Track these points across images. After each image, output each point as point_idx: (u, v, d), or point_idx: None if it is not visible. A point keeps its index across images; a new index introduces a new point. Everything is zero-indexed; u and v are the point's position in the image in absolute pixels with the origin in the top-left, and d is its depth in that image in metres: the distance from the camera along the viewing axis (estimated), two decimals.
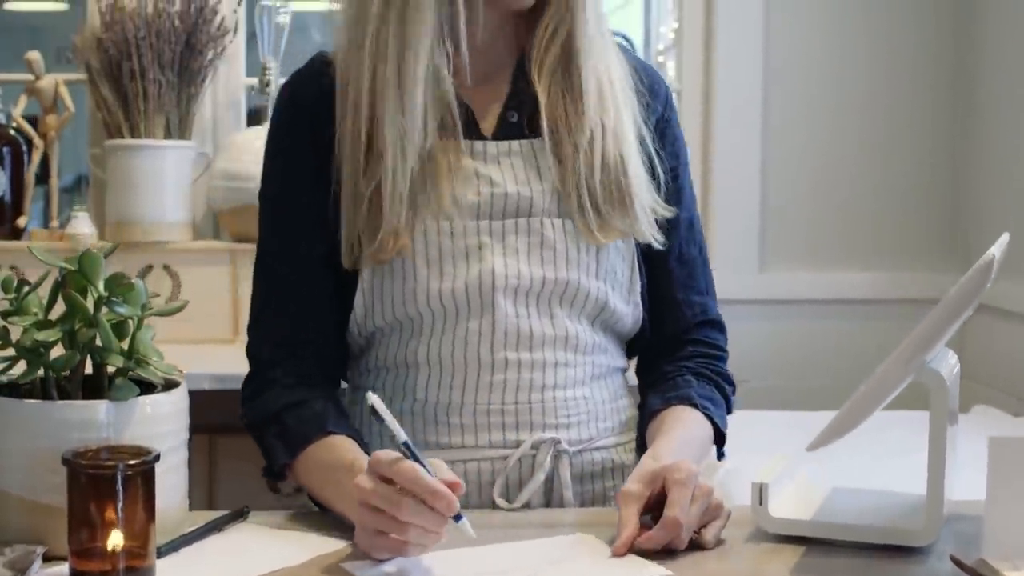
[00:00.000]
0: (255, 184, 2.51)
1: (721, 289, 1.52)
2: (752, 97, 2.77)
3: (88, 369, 1.22)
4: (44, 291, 1.24)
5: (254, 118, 2.75)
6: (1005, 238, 1.31)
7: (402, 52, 1.30)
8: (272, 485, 1.43)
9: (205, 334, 2.58)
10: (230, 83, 2.72)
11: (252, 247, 2.53)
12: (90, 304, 1.20)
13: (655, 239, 1.37)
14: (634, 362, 1.47)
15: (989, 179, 2.74)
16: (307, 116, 1.37)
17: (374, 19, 1.31)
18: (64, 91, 2.62)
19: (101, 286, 1.21)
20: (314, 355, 1.37)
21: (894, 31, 2.81)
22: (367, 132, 1.31)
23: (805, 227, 2.81)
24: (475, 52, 1.34)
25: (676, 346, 1.43)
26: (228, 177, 2.57)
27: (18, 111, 2.61)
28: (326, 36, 8.47)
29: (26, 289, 1.23)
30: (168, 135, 2.56)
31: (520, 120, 1.37)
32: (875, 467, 1.97)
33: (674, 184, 1.42)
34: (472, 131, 1.36)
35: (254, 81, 2.70)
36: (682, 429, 1.33)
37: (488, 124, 1.37)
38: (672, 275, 1.42)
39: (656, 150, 1.39)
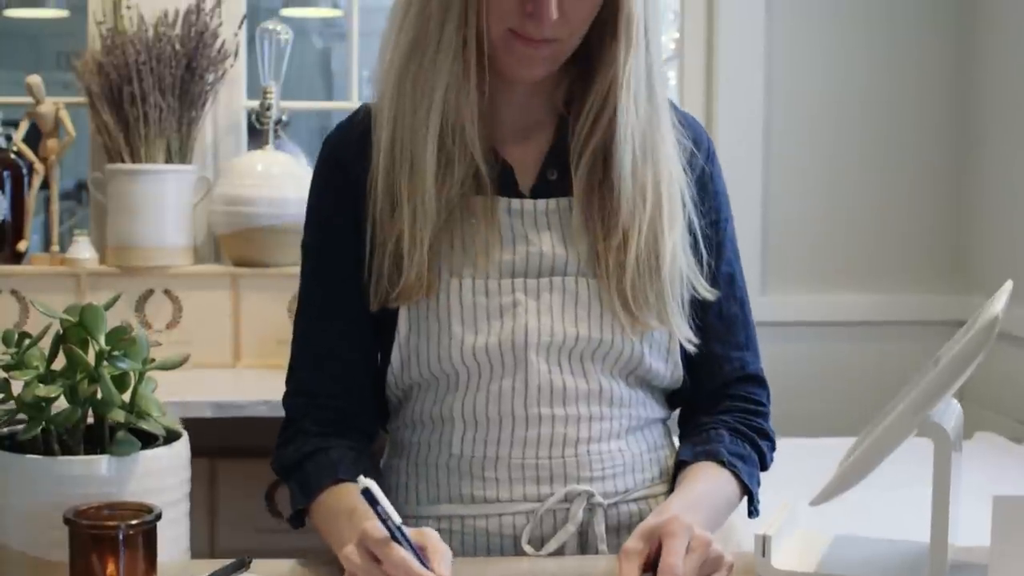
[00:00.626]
0: (255, 209, 2.55)
1: None
2: (753, 119, 2.76)
3: (89, 417, 1.22)
4: (45, 339, 1.25)
5: (255, 142, 2.75)
6: (1008, 286, 1.30)
7: (418, 104, 1.30)
8: (273, 508, 1.44)
9: (206, 358, 2.58)
10: (231, 106, 2.71)
11: (253, 271, 2.58)
12: (91, 357, 1.20)
13: (690, 342, 1.37)
14: (676, 412, 1.47)
15: (992, 202, 2.74)
16: (344, 171, 1.38)
17: (395, 73, 1.32)
18: (65, 115, 2.62)
19: (103, 340, 1.20)
20: (344, 407, 1.39)
21: (897, 53, 2.81)
22: (392, 180, 1.32)
23: (807, 249, 2.81)
24: (511, 108, 1.36)
25: (715, 400, 1.43)
26: (229, 202, 2.57)
27: (19, 135, 2.61)
28: (326, 42, 8.42)
29: (27, 342, 1.22)
30: (169, 159, 2.56)
31: (560, 178, 1.37)
32: (878, 500, 1.97)
33: (715, 238, 1.41)
34: (510, 188, 1.36)
35: (255, 104, 2.70)
36: (701, 485, 1.33)
37: (526, 181, 1.37)
38: (712, 330, 1.41)
39: (701, 222, 1.38)
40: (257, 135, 2.71)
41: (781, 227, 2.79)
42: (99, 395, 1.20)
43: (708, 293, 1.38)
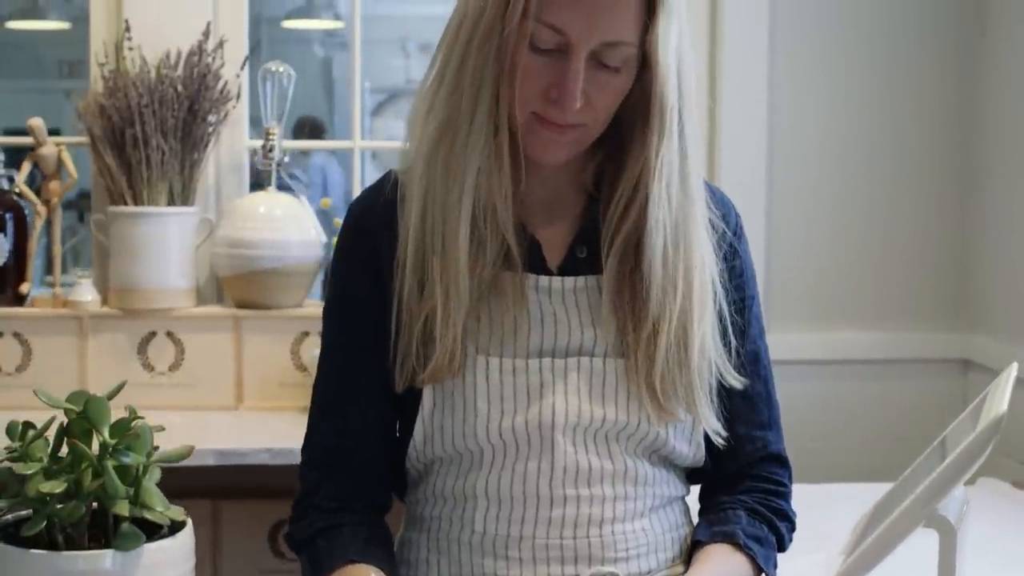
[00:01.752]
0: (258, 252, 2.55)
1: None
2: (757, 157, 2.76)
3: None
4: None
5: (257, 183, 2.75)
6: (1013, 371, 1.30)
7: (450, 187, 1.29)
8: (276, 549, 1.44)
9: (208, 401, 2.58)
10: (233, 146, 2.71)
11: (255, 313, 2.58)
12: (95, 447, 1.20)
13: (719, 434, 1.37)
14: (696, 488, 1.47)
15: (995, 240, 2.74)
16: (370, 240, 1.38)
17: (427, 148, 1.31)
18: (67, 157, 2.62)
19: (107, 432, 1.20)
20: (358, 480, 1.39)
21: (900, 90, 2.80)
22: (421, 260, 1.32)
23: (808, 289, 2.81)
24: (540, 185, 1.35)
25: (736, 480, 1.43)
26: (231, 244, 2.57)
27: (21, 178, 2.61)
28: (328, 51, 8.44)
29: (31, 434, 1.22)
30: (171, 201, 2.56)
31: (588, 256, 1.36)
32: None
33: (740, 318, 1.40)
34: (539, 265, 1.35)
35: (257, 144, 2.69)
36: (715, 567, 1.33)
37: (555, 258, 1.37)
38: (736, 410, 1.41)
39: (730, 308, 1.37)
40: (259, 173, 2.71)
41: (783, 265, 2.79)
42: (104, 487, 1.19)
43: (736, 381, 1.38)
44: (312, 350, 2.57)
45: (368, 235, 1.38)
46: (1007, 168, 2.69)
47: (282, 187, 2.67)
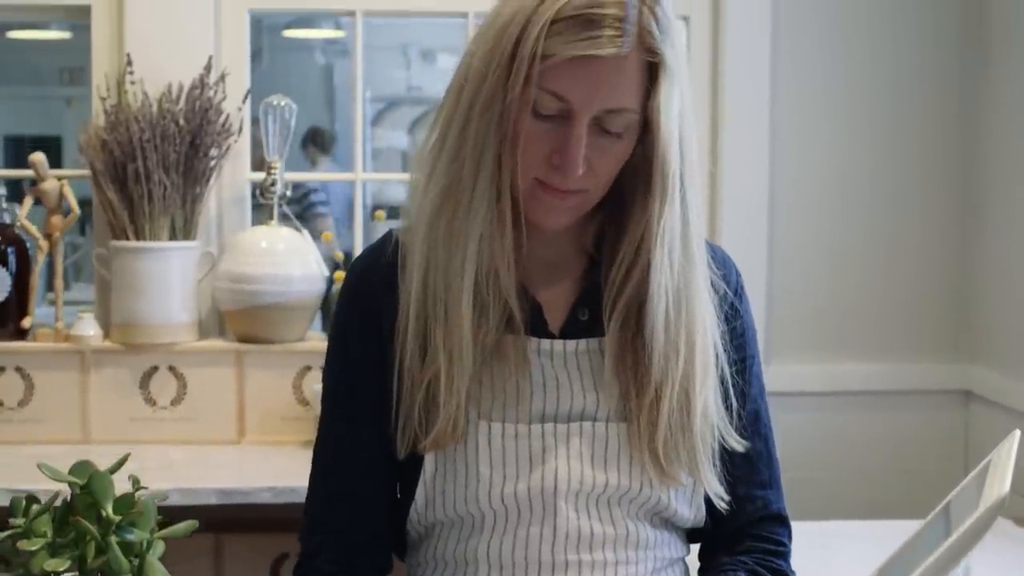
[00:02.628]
0: (260, 286, 2.55)
1: None
2: (758, 190, 2.76)
3: None
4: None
5: (259, 216, 2.75)
6: (1015, 439, 1.30)
7: (453, 254, 1.29)
8: None
9: (210, 435, 2.59)
10: (235, 178, 2.71)
11: (257, 348, 2.58)
12: (100, 515, 1.20)
13: (721, 498, 1.37)
14: (695, 546, 1.47)
15: (995, 271, 2.74)
16: (370, 303, 1.38)
17: (429, 214, 1.30)
18: (69, 192, 2.62)
19: (111, 508, 1.20)
20: (358, 544, 1.38)
21: (901, 125, 2.80)
22: (423, 326, 1.32)
23: (810, 321, 2.81)
24: (541, 247, 1.35)
25: (736, 540, 1.42)
26: (233, 279, 2.57)
27: (23, 212, 2.61)
28: (328, 59, 8.42)
29: (35, 509, 1.23)
30: (173, 236, 2.56)
31: (590, 318, 1.36)
32: None
33: (741, 379, 1.40)
34: (540, 328, 1.35)
35: (259, 176, 2.69)
36: None
37: (556, 320, 1.36)
38: (736, 470, 1.40)
39: (731, 370, 1.37)
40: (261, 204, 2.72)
41: (784, 297, 2.79)
42: (108, 563, 1.20)
43: (738, 444, 1.38)
44: (313, 384, 2.58)
45: (369, 298, 1.38)
46: (1008, 200, 2.69)
47: (289, 217, 2.67)
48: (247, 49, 2.73)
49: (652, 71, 1.27)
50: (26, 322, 2.60)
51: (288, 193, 2.68)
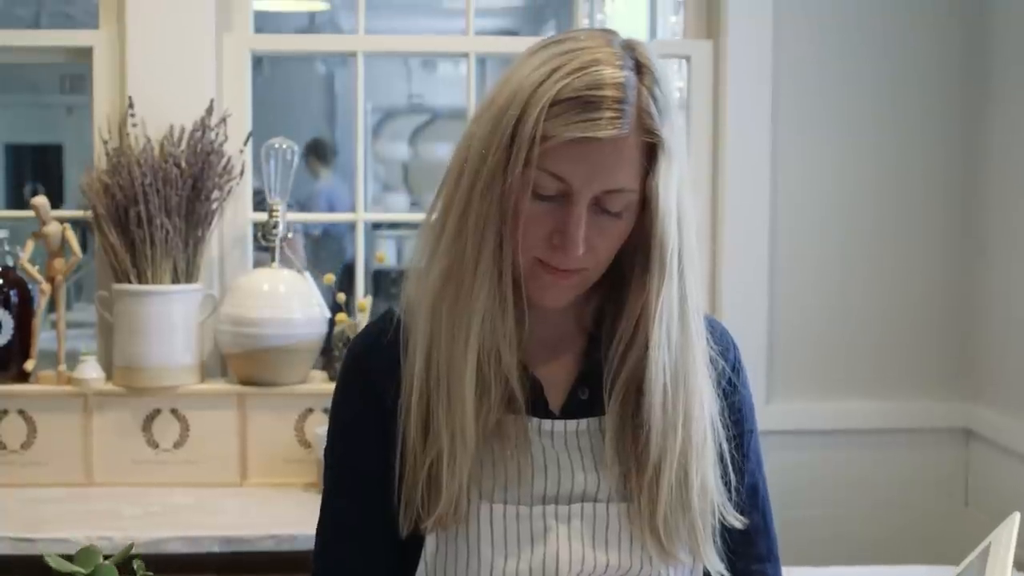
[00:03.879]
0: (262, 330, 2.55)
1: None
2: (759, 231, 2.76)
3: None
4: None
5: (261, 257, 2.75)
6: (1015, 523, 1.30)
7: (455, 335, 1.29)
8: None
9: (213, 478, 2.59)
10: (236, 219, 2.71)
11: (260, 390, 2.58)
12: None
13: (721, 574, 1.36)
14: None
15: (996, 310, 2.74)
16: (371, 381, 1.37)
17: (431, 294, 1.31)
18: (71, 236, 2.62)
19: None
20: None
21: (903, 164, 2.80)
22: (426, 407, 1.32)
23: (811, 359, 2.81)
24: (540, 324, 1.34)
25: None
26: (235, 322, 2.57)
27: (25, 256, 2.61)
28: (330, 67, 8.42)
29: None
30: (175, 279, 2.56)
31: (590, 397, 1.36)
32: None
33: (738, 454, 1.40)
34: (541, 407, 1.35)
35: (262, 217, 2.70)
36: None
37: (557, 399, 1.36)
38: (734, 544, 1.40)
39: (729, 446, 1.37)
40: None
41: (785, 335, 2.80)
42: None
43: (737, 521, 1.37)
44: (316, 427, 2.58)
45: (371, 379, 1.38)
46: (1009, 239, 2.69)
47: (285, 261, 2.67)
48: (248, 90, 2.73)
49: (650, 151, 1.27)
50: (29, 365, 2.60)
51: (289, 235, 2.68)
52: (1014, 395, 2.66)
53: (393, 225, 8.31)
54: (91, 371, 2.58)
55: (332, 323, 2.65)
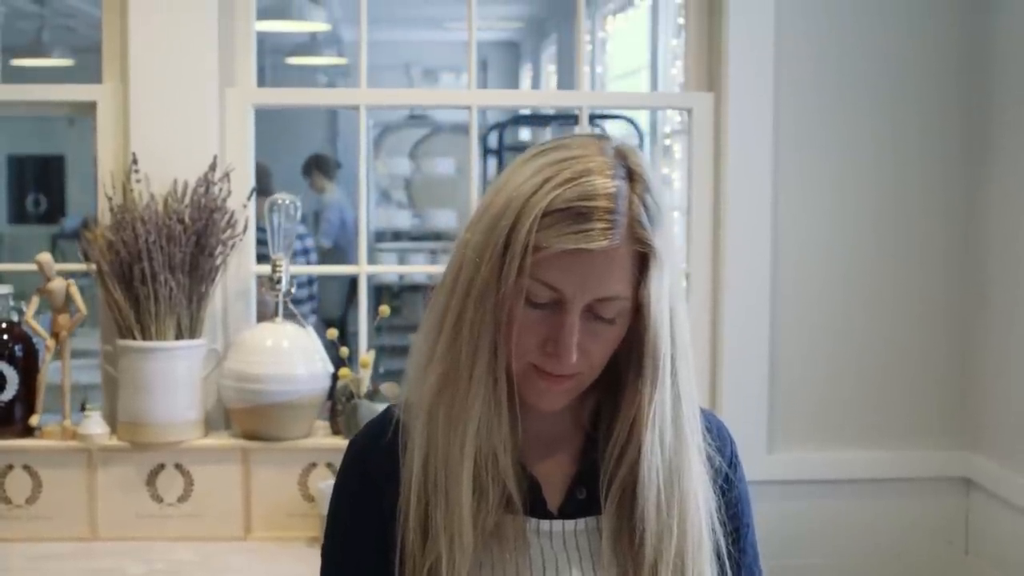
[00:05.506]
0: (265, 386, 2.57)
1: None
2: (761, 283, 2.77)
3: None
4: None
5: (263, 312, 2.76)
6: None
7: (452, 440, 1.31)
8: None
9: (217, 531, 2.61)
10: (240, 272, 2.72)
11: (263, 445, 2.59)
12: None
13: None
14: None
15: (996, 359, 2.75)
16: (370, 483, 1.39)
17: (428, 400, 1.32)
18: (75, 292, 2.63)
19: None
20: None
21: (903, 218, 2.81)
22: (424, 510, 1.33)
23: (812, 410, 2.82)
24: (537, 423, 1.36)
25: None
26: (238, 378, 2.59)
27: (30, 312, 2.62)
28: (331, 78, 8.43)
29: None
30: (179, 335, 2.58)
31: (588, 496, 1.38)
32: None
33: (735, 549, 1.42)
34: (539, 506, 1.37)
35: (265, 269, 2.71)
36: None
37: (555, 498, 1.38)
38: None
39: (726, 541, 1.38)
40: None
41: (786, 385, 2.81)
42: None
43: None
44: (319, 482, 2.60)
45: (370, 479, 1.39)
46: (1009, 290, 2.70)
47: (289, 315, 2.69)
48: (251, 144, 2.73)
49: (642, 259, 1.29)
50: (34, 420, 2.62)
51: (293, 291, 2.69)
52: (1012, 447, 2.67)
53: (396, 236, 8.34)
54: (96, 426, 2.59)
55: (335, 377, 2.66)
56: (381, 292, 7.52)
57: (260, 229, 2.76)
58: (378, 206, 8.11)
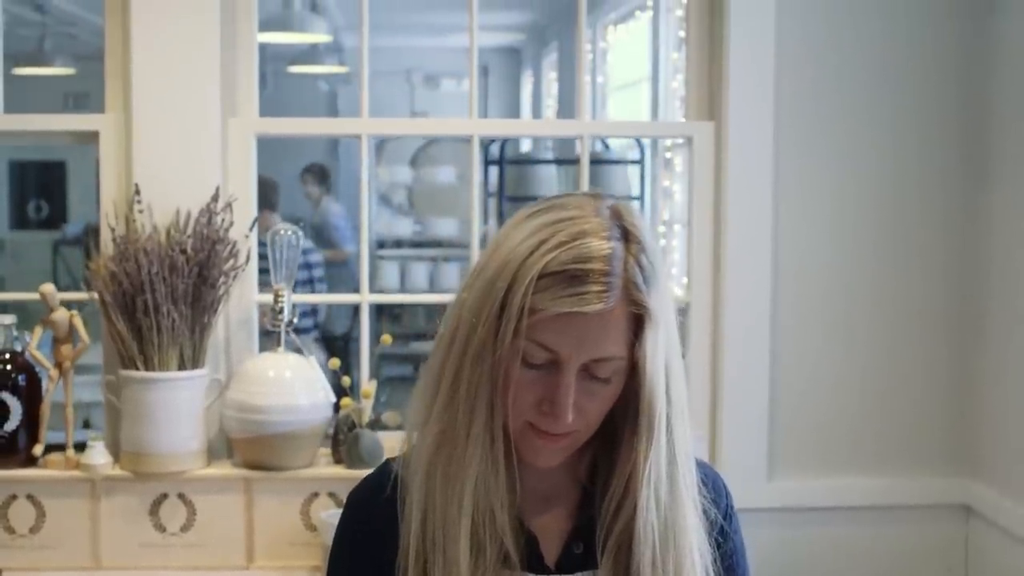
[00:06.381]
0: (268, 416, 2.58)
1: None
2: (761, 310, 2.78)
3: None
4: None
5: (266, 340, 2.77)
6: None
7: (449, 499, 1.32)
8: None
9: (219, 561, 2.62)
10: (242, 301, 2.73)
11: (266, 474, 2.60)
12: None
13: None
14: None
15: (995, 388, 2.76)
16: (369, 539, 1.40)
17: (426, 457, 1.34)
18: (78, 322, 2.64)
19: None
20: None
21: (902, 245, 2.82)
22: (422, 568, 1.34)
23: (812, 438, 2.83)
24: (535, 477, 1.37)
25: None
26: (241, 408, 2.60)
27: (33, 343, 2.63)
28: (332, 84, 8.43)
29: None
30: (182, 365, 2.59)
31: (585, 551, 1.39)
32: None
33: None
34: (536, 561, 1.38)
35: (268, 298, 2.72)
36: None
37: (552, 553, 1.39)
38: None
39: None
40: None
41: (785, 413, 2.81)
42: None
43: None
44: (321, 511, 2.61)
45: (369, 534, 1.41)
46: (1008, 317, 2.71)
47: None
48: (254, 174, 2.74)
49: (637, 319, 1.30)
50: (37, 449, 2.63)
51: (295, 321, 2.70)
52: (1010, 475, 2.68)
53: (397, 243, 8.34)
54: (99, 456, 2.60)
55: (337, 407, 2.67)
56: (381, 306, 7.52)
57: (263, 244, 2.77)
58: (379, 216, 8.10)
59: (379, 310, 7.21)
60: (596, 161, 5.07)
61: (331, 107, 9.51)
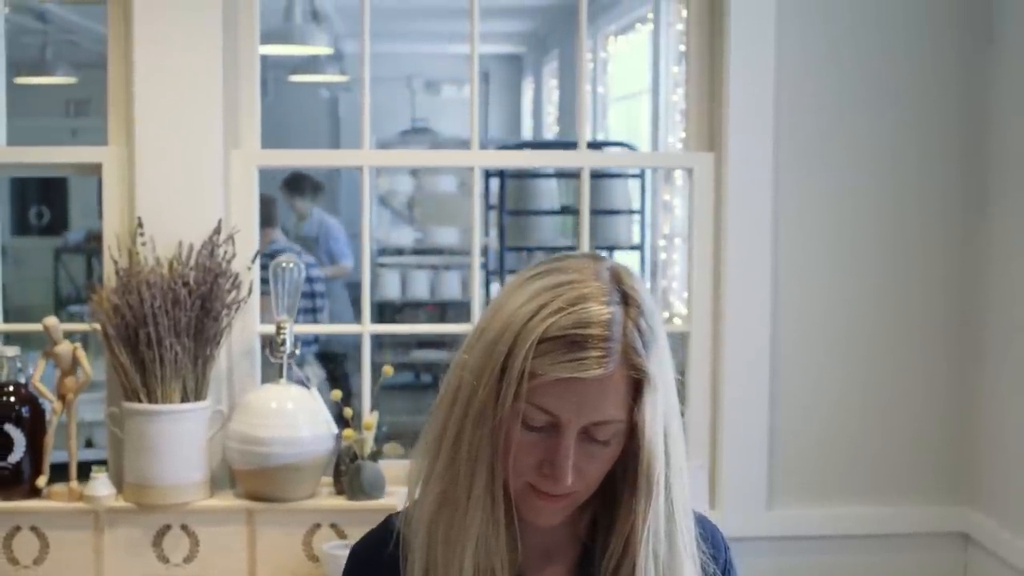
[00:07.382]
0: (270, 448, 2.60)
1: (730, 527, 1.60)
2: (761, 340, 2.79)
3: None
4: None
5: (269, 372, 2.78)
6: None
7: (451, 559, 1.33)
8: None
9: None
10: (244, 332, 2.74)
11: (268, 506, 2.62)
12: None
13: None
14: None
15: (994, 416, 2.77)
16: None
17: (427, 517, 1.35)
18: (81, 356, 2.66)
19: None
20: None
21: (901, 274, 2.83)
22: None
23: (811, 466, 2.84)
24: (536, 535, 1.39)
25: None
26: (243, 440, 2.61)
27: (36, 376, 2.64)
28: (333, 93, 8.41)
29: None
30: (185, 397, 2.60)
31: None
32: None
33: None
34: None
35: (270, 329, 2.73)
36: None
37: None
38: None
39: None
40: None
41: (785, 441, 2.83)
42: None
43: None
44: (323, 543, 2.63)
45: None
46: (1007, 345, 2.72)
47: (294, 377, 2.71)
48: (256, 206, 2.76)
49: (637, 383, 1.31)
50: (40, 481, 2.64)
51: (298, 352, 2.71)
52: (1008, 504, 2.69)
53: (398, 251, 8.36)
54: (102, 488, 2.61)
55: (339, 438, 2.69)
56: (383, 309, 7.54)
57: (264, 264, 2.78)
58: (379, 225, 8.11)
59: (380, 316, 7.23)
60: (597, 175, 5.07)
61: (332, 114, 9.52)
